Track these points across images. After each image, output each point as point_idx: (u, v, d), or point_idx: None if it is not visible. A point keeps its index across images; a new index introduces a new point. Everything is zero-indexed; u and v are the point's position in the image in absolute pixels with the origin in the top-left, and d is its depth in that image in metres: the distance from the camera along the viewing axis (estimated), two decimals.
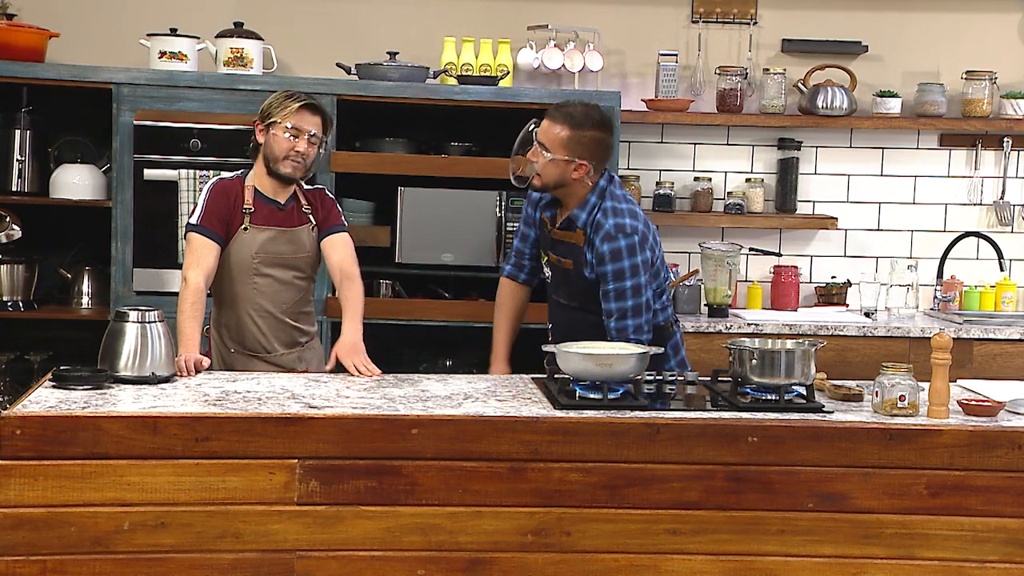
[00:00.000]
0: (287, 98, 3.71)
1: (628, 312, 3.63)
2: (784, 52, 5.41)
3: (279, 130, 3.68)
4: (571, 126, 3.64)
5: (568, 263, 3.73)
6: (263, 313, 3.76)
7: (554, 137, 3.65)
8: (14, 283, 4.81)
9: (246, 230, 3.71)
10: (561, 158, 3.64)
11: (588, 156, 3.65)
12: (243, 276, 3.73)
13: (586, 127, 3.65)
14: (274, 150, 3.69)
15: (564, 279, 3.77)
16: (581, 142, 3.64)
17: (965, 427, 3.03)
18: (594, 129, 3.67)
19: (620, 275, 3.62)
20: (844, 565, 2.99)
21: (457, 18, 5.26)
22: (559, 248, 3.77)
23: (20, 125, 4.84)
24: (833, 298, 5.39)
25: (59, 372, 3.17)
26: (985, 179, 5.49)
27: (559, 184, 3.68)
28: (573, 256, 3.71)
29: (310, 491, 2.88)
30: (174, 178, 4.63)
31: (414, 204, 4.80)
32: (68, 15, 5.09)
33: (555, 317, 3.88)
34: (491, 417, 2.97)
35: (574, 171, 3.65)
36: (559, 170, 3.65)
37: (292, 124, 3.67)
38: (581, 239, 3.68)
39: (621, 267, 3.62)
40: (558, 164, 3.65)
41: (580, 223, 3.68)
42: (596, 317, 3.69)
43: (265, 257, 3.74)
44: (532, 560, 2.94)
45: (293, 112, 3.67)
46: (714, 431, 2.98)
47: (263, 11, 5.18)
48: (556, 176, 3.66)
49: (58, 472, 2.82)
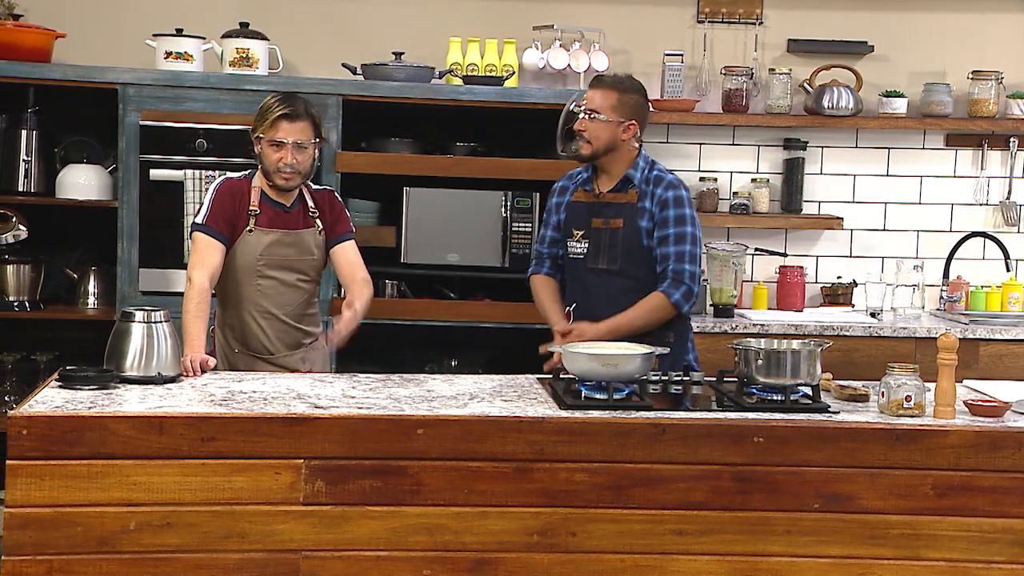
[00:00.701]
0: (266, 110, 3.69)
1: (686, 256, 3.76)
2: (790, 52, 5.41)
3: (264, 144, 3.68)
4: (618, 90, 3.83)
5: (618, 222, 3.83)
6: (266, 315, 3.75)
7: (602, 102, 3.81)
8: (20, 283, 4.81)
9: (251, 232, 3.71)
10: (613, 120, 3.79)
11: (637, 117, 3.83)
12: (247, 278, 3.73)
13: (630, 91, 3.85)
14: (264, 164, 3.71)
15: (609, 241, 3.84)
16: (628, 103, 3.83)
17: (971, 427, 3.02)
18: (637, 93, 3.87)
19: (682, 220, 3.77)
20: (850, 565, 2.99)
21: (462, 18, 5.26)
22: (607, 211, 3.86)
23: (26, 125, 4.84)
24: (839, 298, 5.38)
25: (65, 372, 3.18)
26: (991, 179, 5.48)
27: (609, 147, 3.82)
28: (625, 214, 3.83)
29: (316, 491, 2.88)
30: (180, 178, 4.64)
31: (419, 204, 4.81)
32: (74, 16, 5.10)
33: (582, 288, 3.89)
34: (497, 417, 2.97)
35: (623, 132, 3.81)
36: (610, 132, 3.80)
37: (272, 138, 3.66)
38: (635, 197, 3.82)
39: (684, 213, 3.78)
40: (609, 127, 3.80)
41: (636, 181, 3.83)
42: (632, 282, 3.79)
43: (269, 259, 3.73)
44: (538, 560, 2.94)
45: (270, 126, 3.66)
46: (720, 431, 2.98)
47: (269, 11, 5.18)
48: (607, 139, 3.81)
49: (64, 472, 2.82)
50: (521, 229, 4.81)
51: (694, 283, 3.76)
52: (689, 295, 3.76)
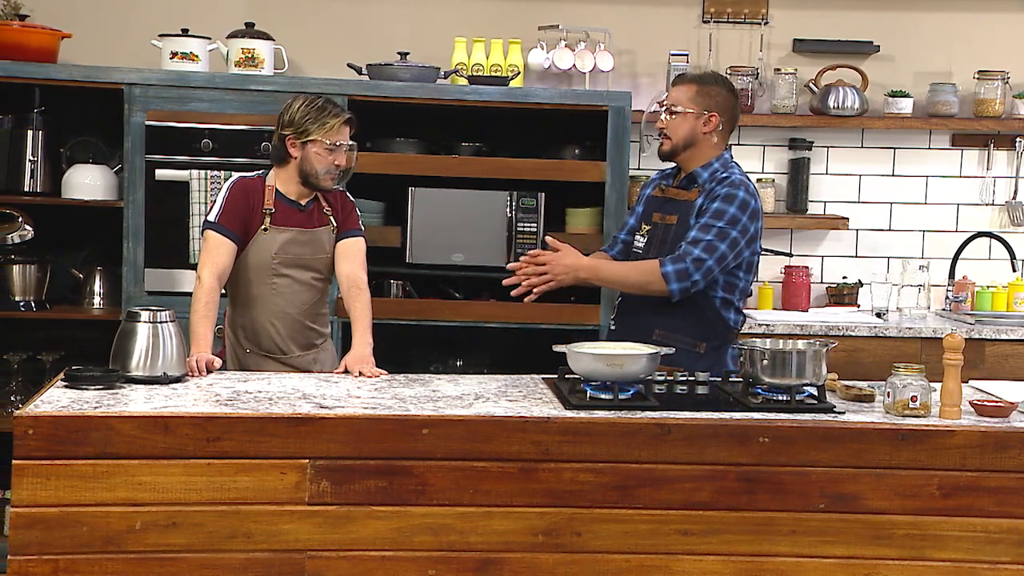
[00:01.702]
0: (322, 113, 3.68)
1: (703, 244, 3.57)
2: (795, 52, 5.40)
3: (319, 147, 3.67)
4: (698, 83, 3.73)
5: (672, 219, 3.72)
6: (280, 314, 3.75)
7: (681, 95, 3.71)
8: (26, 283, 4.82)
9: (266, 231, 3.71)
10: (691, 111, 3.68)
11: (719, 109, 3.70)
12: (262, 277, 3.73)
13: (712, 83, 3.74)
14: (314, 166, 3.69)
15: (663, 238, 3.73)
16: (709, 95, 3.70)
17: (977, 428, 3.02)
18: (720, 87, 3.75)
19: (720, 215, 3.61)
20: (856, 566, 2.99)
21: (468, 18, 5.26)
22: (667, 207, 3.76)
23: (32, 125, 4.84)
24: (844, 298, 5.38)
25: (71, 372, 3.18)
26: (997, 179, 5.47)
27: (689, 142, 3.70)
28: (681, 211, 3.70)
29: (321, 491, 2.89)
30: (185, 178, 4.64)
31: (425, 204, 4.81)
32: (80, 16, 5.11)
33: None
34: (502, 417, 2.97)
35: (704, 125, 3.69)
36: (688, 125, 3.69)
37: (332, 141, 3.67)
38: (695, 195, 3.69)
39: (725, 209, 3.61)
40: (687, 119, 3.69)
41: (701, 180, 3.70)
42: None
43: (285, 258, 3.73)
44: (543, 560, 2.94)
45: (330, 129, 3.67)
46: (725, 432, 2.98)
47: (274, 11, 5.19)
48: (686, 132, 3.69)
49: (70, 472, 2.83)
50: (526, 229, 4.81)
51: (697, 271, 3.55)
52: (684, 276, 3.55)
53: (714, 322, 3.71)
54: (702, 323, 3.69)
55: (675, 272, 3.57)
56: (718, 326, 3.71)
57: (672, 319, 3.66)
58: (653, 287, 3.61)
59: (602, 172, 4.75)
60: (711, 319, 3.70)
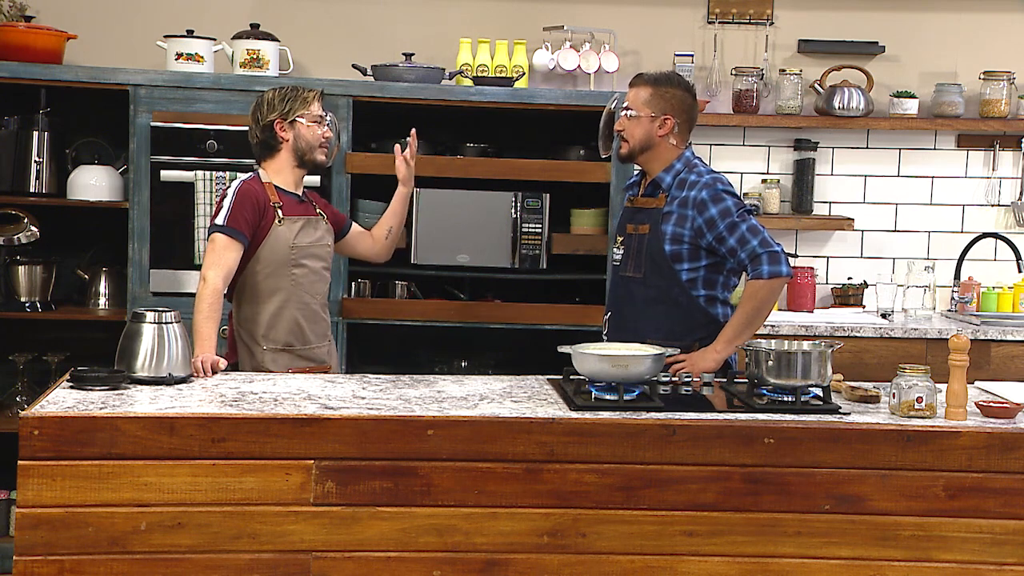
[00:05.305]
0: (298, 92, 3.87)
1: (746, 236, 3.59)
2: (800, 53, 5.40)
3: (304, 123, 3.82)
4: (652, 84, 3.72)
5: (645, 228, 3.73)
6: (301, 305, 3.82)
7: (636, 97, 3.72)
8: (32, 284, 4.83)
9: (281, 223, 3.77)
10: (646, 115, 3.68)
11: (673, 112, 3.70)
12: (281, 269, 3.78)
13: (668, 85, 3.73)
14: (308, 141, 3.83)
15: (637, 248, 3.75)
16: (664, 97, 3.70)
17: (983, 429, 3.02)
18: (676, 88, 3.74)
19: (727, 212, 3.61)
20: (861, 567, 2.98)
21: (473, 19, 5.27)
22: (638, 216, 3.78)
23: (38, 127, 4.85)
24: (850, 299, 5.37)
25: (76, 373, 3.18)
26: (1003, 180, 5.47)
27: (645, 145, 3.71)
28: (652, 219, 3.71)
29: (326, 492, 2.89)
30: (191, 179, 4.65)
31: (430, 205, 4.81)
32: (86, 17, 5.12)
33: (615, 296, 3.87)
34: (507, 418, 2.97)
35: (659, 128, 3.69)
36: (643, 129, 3.69)
37: (315, 114, 3.84)
38: (663, 201, 3.70)
39: (726, 205, 3.62)
40: (642, 122, 3.69)
41: (664, 186, 3.71)
42: (654, 290, 3.69)
43: (300, 248, 3.82)
44: (548, 561, 2.94)
45: (315, 102, 3.85)
46: (730, 432, 2.98)
47: (279, 13, 5.19)
48: (642, 136, 3.70)
49: (75, 472, 2.83)
50: (531, 230, 4.81)
51: (768, 247, 3.56)
52: (775, 259, 3.56)
53: (704, 322, 3.72)
54: (691, 323, 3.70)
55: (769, 263, 3.57)
56: (709, 324, 3.72)
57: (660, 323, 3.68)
58: (773, 294, 3.62)
59: (607, 173, 4.75)
60: (700, 319, 3.71)
